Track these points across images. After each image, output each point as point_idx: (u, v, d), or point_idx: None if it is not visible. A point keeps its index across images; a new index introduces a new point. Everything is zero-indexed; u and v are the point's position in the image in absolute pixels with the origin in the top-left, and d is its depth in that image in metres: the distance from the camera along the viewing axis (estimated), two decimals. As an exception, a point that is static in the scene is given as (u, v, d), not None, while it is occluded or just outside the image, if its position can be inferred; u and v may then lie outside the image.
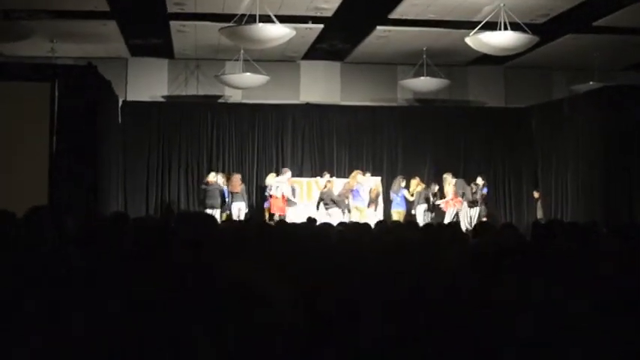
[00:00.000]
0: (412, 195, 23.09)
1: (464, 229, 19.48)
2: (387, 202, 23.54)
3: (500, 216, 24.25)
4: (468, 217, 22.22)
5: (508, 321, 3.01)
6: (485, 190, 23.01)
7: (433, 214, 22.80)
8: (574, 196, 21.32)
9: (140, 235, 5.73)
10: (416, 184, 23.07)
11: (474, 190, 22.68)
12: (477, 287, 3.33)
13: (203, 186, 22.38)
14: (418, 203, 22.80)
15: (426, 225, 13.08)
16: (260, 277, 2.02)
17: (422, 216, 22.24)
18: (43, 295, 3.78)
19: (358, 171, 22.96)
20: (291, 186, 22.62)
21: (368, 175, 23.39)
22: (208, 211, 20.53)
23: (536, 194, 23.59)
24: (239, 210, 22.33)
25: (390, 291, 3.17)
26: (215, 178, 22.38)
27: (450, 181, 22.41)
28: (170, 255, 4.68)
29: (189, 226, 5.78)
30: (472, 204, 22.50)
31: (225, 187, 22.43)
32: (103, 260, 4.77)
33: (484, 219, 21.16)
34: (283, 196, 22.32)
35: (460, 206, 22.28)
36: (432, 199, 23.03)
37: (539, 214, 22.66)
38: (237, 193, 22.51)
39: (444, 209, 22.36)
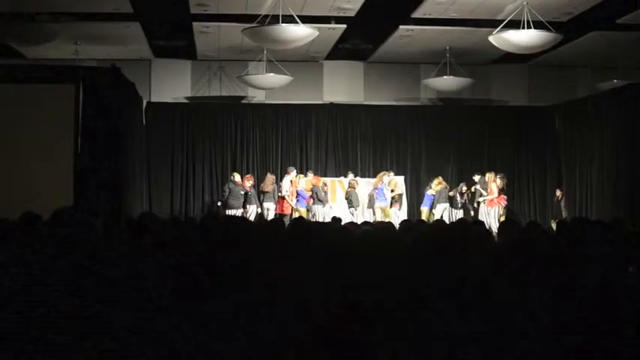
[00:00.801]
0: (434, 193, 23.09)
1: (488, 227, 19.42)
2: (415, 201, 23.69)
3: (522, 215, 24.17)
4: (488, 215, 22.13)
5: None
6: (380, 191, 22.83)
7: (460, 211, 22.79)
8: (599, 195, 21.22)
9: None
10: (437, 183, 23.00)
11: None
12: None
13: (231, 185, 22.36)
14: (438, 202, 22.76)
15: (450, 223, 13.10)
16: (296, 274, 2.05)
17: (441, 215, 22.19)
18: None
19: (385, 172, 23.01)
20: (315, 185, 22.59)
21: (391, 174, 23.40)
22: (231, 212, 20.66)
23: (558, 193, 23.45)
24: (267, 210, 22.39)
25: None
26: (239, 178, 22.45)
27: (493, 180, 22.28)
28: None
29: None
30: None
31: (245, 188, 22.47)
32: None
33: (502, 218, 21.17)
34: (283, 197, 22.40)
35: (504, 204, 22.23)
36: (459, 198, 22.99)
37: (564, 213, 22.55)
38: (267, 192, 22.57)
39: (488, 206, 22.16)
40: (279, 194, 22.54)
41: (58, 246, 5.14)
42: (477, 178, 22.74)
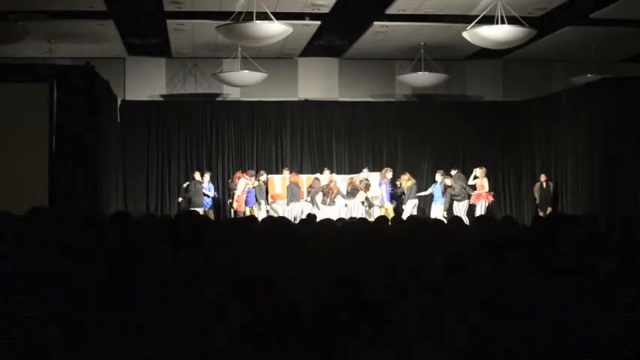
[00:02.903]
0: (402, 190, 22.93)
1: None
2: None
3: (498, 210, 24.19)
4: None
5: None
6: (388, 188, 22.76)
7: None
8: (573, 189, 21.33)
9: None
10: (407, 179, 22.85)
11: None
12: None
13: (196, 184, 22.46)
14: (409, 198, 22.58)
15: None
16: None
17: (411, 211, 22.01)
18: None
19: (387, 168, 22.99)
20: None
21: (365, 170, 23.43)
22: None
23: (543, 178, 22.87)
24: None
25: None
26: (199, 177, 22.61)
27: (485, 175, 22.28)
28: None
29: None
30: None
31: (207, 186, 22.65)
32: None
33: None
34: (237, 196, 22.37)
35: (490, 199, 22.21)
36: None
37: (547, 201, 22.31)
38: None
39: (475, 202, 22.13)
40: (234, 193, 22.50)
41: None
42: (453, 172, 22.70)
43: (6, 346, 3.71)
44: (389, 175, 22.70)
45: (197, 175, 22.78)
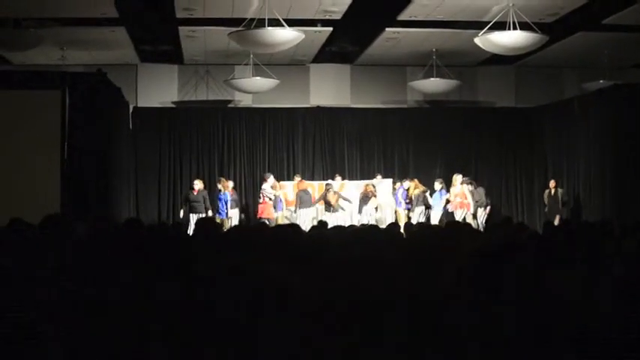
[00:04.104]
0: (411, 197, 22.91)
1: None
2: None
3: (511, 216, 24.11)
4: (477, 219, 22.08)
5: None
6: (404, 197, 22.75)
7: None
8: (586, 195, 21.29)
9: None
10: (414, 187, 22.81)
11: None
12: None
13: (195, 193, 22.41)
14: (416, 205, 22.54)
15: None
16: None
17: (418, 218, 21.98)
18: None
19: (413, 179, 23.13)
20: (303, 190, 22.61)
21: (379, 177, 23.42)
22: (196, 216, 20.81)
23: (552, 184, 22.75)
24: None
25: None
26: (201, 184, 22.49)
27: (457, 183, 22.24)
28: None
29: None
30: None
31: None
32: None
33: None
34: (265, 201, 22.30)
35: (469, 209, 22.05)
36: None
37: (558, 208, 22.21)
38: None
39: (453, 209, 22.08)
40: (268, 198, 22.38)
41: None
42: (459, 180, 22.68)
43: None
44: (405, 184, 22.82)
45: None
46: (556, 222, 18.94)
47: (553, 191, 22.41)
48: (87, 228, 8.18)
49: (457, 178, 22.32)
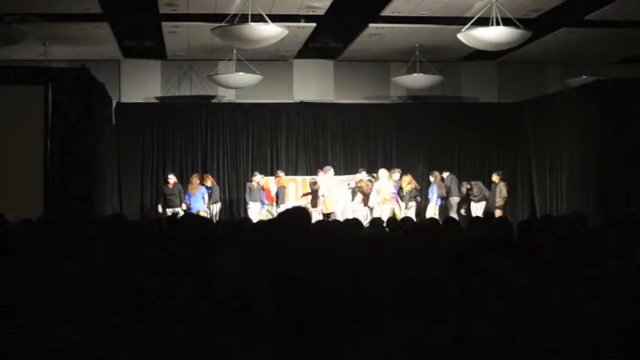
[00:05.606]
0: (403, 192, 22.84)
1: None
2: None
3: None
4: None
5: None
6: (396, 189, 22.63)
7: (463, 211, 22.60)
8: (568, 190, 21.34)
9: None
10: (407, 182, 22.73)
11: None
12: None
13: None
14: (408, 200, 22.49)
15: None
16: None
17: (412, 214, 21.94)
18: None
19: (394, 169, 23.00)
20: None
21: (362, 172, 23.31)
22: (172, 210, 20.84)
23: (495, 177, 22.96)
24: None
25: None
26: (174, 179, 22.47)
27: (383, 178, 22.21)
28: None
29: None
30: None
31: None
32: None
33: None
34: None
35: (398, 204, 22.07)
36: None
37: (499, 201, 22.28)
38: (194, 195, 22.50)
39: (375, 205, 21.97)
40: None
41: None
42: (445, 174, 22.74)
43: None
44: (395, 176, 22.62)
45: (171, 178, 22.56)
46: (497, 214, 19.25)
47: (499, 185, 22.56)
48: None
49: (383, 173, 22.28)
